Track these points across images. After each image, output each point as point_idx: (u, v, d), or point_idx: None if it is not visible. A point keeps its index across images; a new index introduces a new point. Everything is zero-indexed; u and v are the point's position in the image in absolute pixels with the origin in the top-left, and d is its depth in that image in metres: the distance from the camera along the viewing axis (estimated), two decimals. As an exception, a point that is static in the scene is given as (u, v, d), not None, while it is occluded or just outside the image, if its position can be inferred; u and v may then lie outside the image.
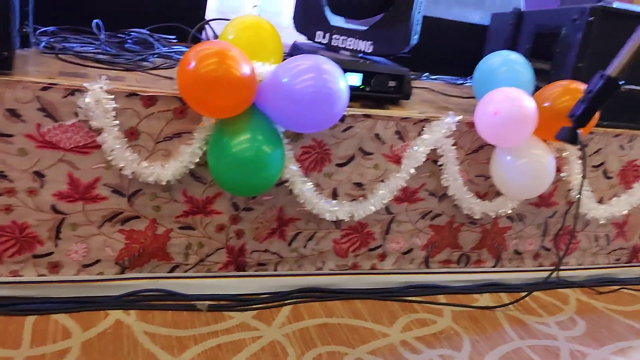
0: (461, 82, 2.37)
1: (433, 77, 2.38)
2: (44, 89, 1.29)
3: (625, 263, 2.16)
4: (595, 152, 1.89)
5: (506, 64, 1.71)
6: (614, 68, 1.32)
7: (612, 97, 1.35)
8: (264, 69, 1.37)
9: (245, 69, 1.28)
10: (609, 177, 1.96)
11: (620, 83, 1.32)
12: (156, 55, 1.72)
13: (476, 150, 1.73)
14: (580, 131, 1.39)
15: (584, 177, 1.81)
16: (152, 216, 1.49)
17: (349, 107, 1.43)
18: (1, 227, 1.37)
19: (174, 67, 1.57)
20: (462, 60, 2.28)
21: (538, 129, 1.60)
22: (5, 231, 1.38)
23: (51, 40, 1.66)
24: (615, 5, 1.77)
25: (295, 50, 1.79)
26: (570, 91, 1.60)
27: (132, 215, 1.47)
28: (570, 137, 1.39)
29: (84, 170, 1.38)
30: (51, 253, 1.44)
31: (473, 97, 1.81)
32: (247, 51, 1.34)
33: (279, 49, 1.48)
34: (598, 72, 1.34)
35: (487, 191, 1.80)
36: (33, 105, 1.30)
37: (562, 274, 2.00)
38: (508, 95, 1.58)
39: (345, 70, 1.51)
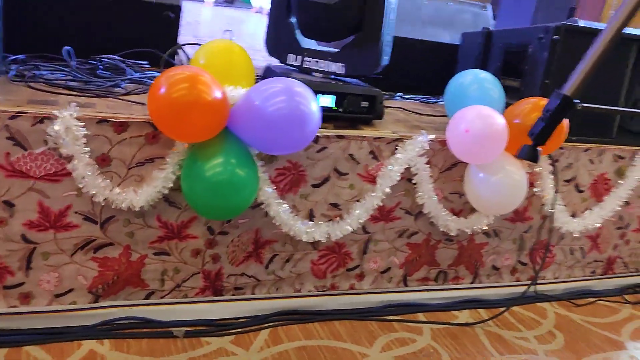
0: (434, 101, 2.40)
1: (406, 96, 2.41)
2: (13, 117, 1.28)
3: (601, 275, 2.18)
4: (566, 167, 1.92)
5: (477, 82, 1.74)
6: (569, 87, 1.34)
7: (573, 115, 1.37)
8: (235, 92, 1.37)
9: (217, 93, 1.28)
10: (580, 191, 1.99)
11: (576, 102, 1.34)
12: (128, 81, 1.72)
13: (450, 167, 1.75)
14: (540, 149, 1.41)
15: (556, 191, 1.85)
16: (126, 242, 1.47)
17: (322, 128, 1.44)
18: (-30, 259, 1.35)
19: (146, 93, 1.56)
20: (434, 79, 2.31)
21: (509, 145, 1.62)
22: (-27, 263, 1.35)
23: (21, 68, 1.65)
24: (580, 23, 1.82)
25: (268, 73, 1.80)
26: (539, 107, 1.62)
27: (105, 243, 1.45)
28: (531, 155, 1.40)
29: (55, 199, 1.36)
30: (22, 283, 1.41)
31: (445, 116, 1.83)
32: (218, 75, 1.34)
33: (250, 73, 1.49)
34: (555, 91, 1.36)
35: (462, 208, 1.81)
36: (2, 134, 1.28)
37: (539, 287, 2.01)
38: (479, 113, 1.60)
39: (318, 92, 1.52)
